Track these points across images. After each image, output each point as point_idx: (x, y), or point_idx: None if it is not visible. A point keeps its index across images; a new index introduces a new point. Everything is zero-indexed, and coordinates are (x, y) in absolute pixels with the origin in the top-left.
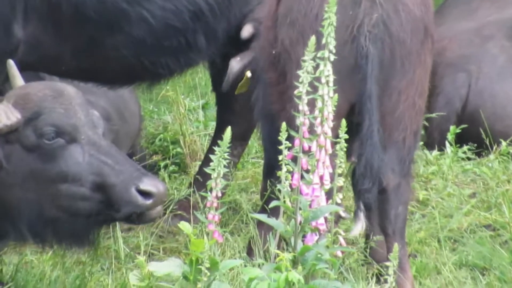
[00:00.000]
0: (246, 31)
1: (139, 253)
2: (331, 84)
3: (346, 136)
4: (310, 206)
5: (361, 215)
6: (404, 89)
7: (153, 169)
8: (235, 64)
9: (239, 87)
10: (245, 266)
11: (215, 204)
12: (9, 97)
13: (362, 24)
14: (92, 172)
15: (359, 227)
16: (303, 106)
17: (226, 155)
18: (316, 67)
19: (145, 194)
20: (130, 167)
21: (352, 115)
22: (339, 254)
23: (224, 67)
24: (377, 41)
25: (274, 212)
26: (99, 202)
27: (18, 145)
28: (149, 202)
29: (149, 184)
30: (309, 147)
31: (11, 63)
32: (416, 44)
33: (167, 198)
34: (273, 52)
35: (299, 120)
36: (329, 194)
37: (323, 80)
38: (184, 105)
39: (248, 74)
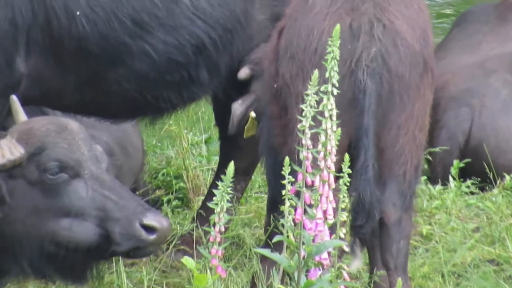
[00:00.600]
0: (243, 72)
1: None
2: (334, 118)
3: (349, 171)
4: (313, 240)
5: (358, 251)
6: (404, 123)
7: (156, 204)
8: (238, 107)
9: (246, 130)
10: None
11: (218, 239)
12: (13, 132)
13: (360, 58)
14: (96, 207)
15: (356, 263)
16: (306, 140)
17: (229, 189)
18: (318, 101)
19: (148, 229)
20: (134, 202)
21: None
22: None
23: (227, 102)
24: (375, 76)
25: (278, 247)
26: (102, 236)
27: (21, 180)
28: (152, 237)
29: (152, 219)
30: (312, 182)
31: (14, 98)
32: (415, 78)
33: (170, 233)
34: (275, 85)
35: (302, 154)
36: (332, 229)
37: (326, 114)
38: (187, 140)
39: (253, 114)
